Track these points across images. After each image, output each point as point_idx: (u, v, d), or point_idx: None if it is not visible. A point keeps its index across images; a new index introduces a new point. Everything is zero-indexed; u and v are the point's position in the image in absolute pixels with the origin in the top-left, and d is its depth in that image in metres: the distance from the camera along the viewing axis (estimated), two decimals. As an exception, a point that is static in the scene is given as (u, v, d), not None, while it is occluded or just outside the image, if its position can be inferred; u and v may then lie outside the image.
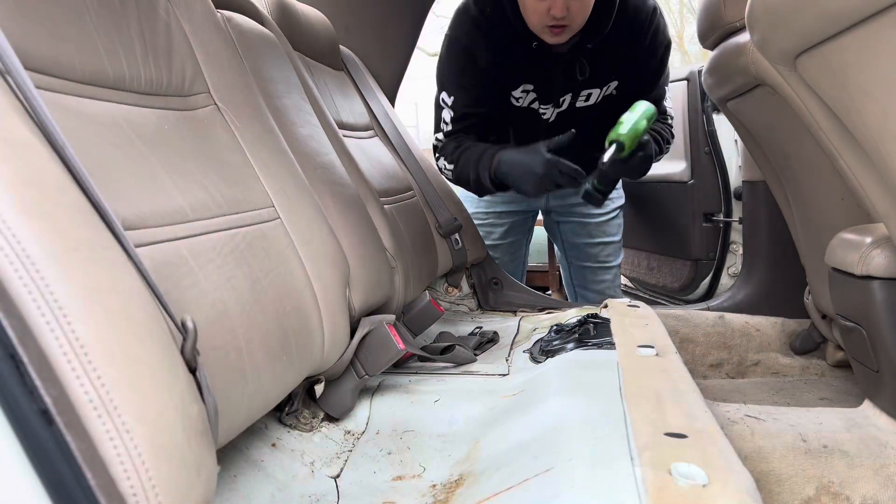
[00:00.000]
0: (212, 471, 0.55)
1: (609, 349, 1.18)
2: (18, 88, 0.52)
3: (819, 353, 1.78)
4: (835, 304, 1.24)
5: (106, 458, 0.45)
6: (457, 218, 1.91)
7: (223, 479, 0.84)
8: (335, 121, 1.50)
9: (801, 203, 1.54)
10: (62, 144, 0.53)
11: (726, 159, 2.28)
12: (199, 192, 0.81)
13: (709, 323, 1.86)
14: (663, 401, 0.80)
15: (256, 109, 1.03)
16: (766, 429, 1.13)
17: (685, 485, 0.58)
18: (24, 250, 0.45)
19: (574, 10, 1.50)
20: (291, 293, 0.91)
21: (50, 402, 0.44)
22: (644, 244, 2.70)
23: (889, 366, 1.08)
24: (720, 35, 1.45)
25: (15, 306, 0.44)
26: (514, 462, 0.83)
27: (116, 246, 0.54)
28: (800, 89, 1.03)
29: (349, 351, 1.08)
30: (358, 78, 1.90)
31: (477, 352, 1.43)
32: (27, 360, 0.44)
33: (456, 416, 1.09)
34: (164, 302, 0.58)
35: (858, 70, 0.81)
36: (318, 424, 1.05)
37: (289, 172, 1.03)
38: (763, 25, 0.93)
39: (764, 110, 1.41)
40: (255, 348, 0.78)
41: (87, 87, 0.73)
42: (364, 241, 1.22)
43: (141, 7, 0.85)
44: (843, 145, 1.01)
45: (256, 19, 1.29)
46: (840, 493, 1.03)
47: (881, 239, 1.08)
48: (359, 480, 0.93)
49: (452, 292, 2.02)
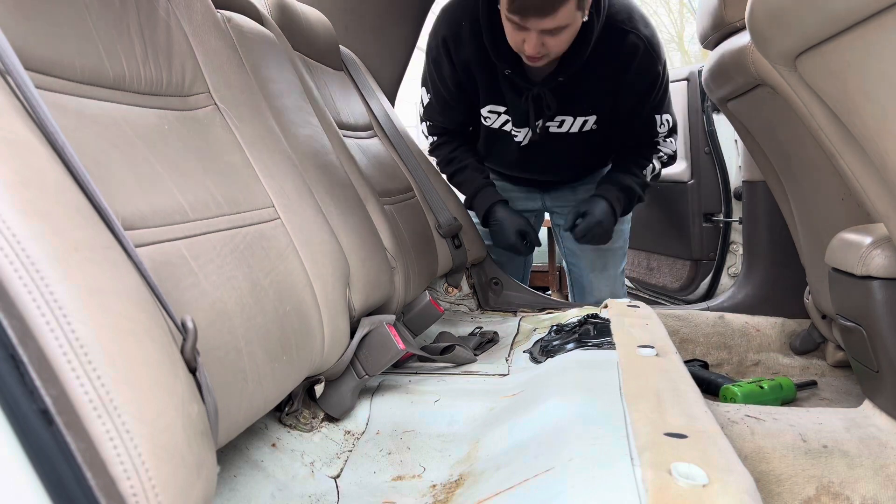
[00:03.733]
0: (212, 471, 0.55)
1: (609, 349, 1.18)
2: (18, 88, 0.52)
3: (819, 353, 1.78)
4: (835, 304, 1.24)
5: (106, 459, 0.45)
6: (457, 218, 1.91)
7: (223, 479, 0.84)
8: (335, 121, 1.50)
9: (801, 203, 1.54)
10: (62, 144, 0.53)
11: (726, 159, 2.28)
12: (199, 191, 0.81)
13: (709, 323, 1.86)
14: (663, 401, 0.80)
15: (256, 109, 1.03)
16: (766, 429, 1.13)
17: (685, 485, 0.58)
18: (24, 250, 0.45)
19: (550, 46, 1.48)
20: (291, 293, 0.91)
21: (50, 402, 0.44)
22: (644, 244, 2.71)
23: (889, 366, 1.08)
24: (720, 35, 1.45)
25: (15, 306, 0.44)
26: (514, 462, 0.83)
27: (116, 246, 0.54)
28: (800, 89, 1.03)
29: (349, 351, 1.08)
30: (358, 78, 1.90)
31: (477, 352, 1.43)
32: (27, 360, 0.44)
33: (456, 416, 1.09)
34: (164, 302, 0.58)
35: (858, 70, 0.81)
36: (318, 424, 1.05)
37: (289, 172, 1.03)
38: (763, 25, 0.93)
39: (764, 110, 1.41)
40: (255, 348, 0.78)
41: (87, 87, 0.73)
42: (364, 241, 1.22)
43: (141, 7, 0.85)
44: (843, 145, 1.01)
45: (256, 19, 1.29)
46: (840, 493, 1.03)
47: (881, 239, 1.08)
48: (359, 480, 0.93)
49: (452, 292, 2.02)
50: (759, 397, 1.47)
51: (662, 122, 1.82)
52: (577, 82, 1.67)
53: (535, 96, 1.69)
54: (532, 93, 1.68)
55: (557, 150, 1.85)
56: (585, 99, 1.73)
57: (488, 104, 1.78)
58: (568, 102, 1.72)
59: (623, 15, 1.64)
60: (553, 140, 1.81)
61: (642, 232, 2.65)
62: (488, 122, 1.82)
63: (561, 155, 1.88)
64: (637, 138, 1.85)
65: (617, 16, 1.63)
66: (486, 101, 1.78)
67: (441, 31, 1.72)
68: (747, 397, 1.45)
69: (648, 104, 1.76)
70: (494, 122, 1.81)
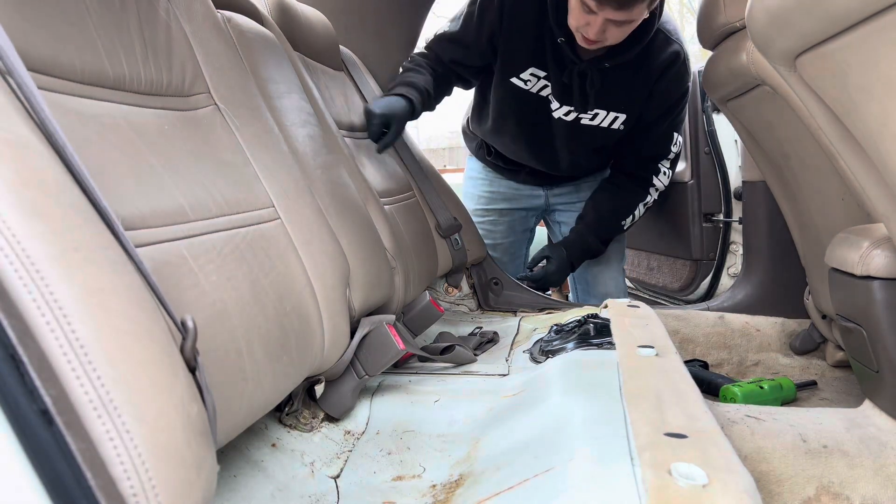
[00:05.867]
0: (212, 471, 0.55)
1: (609, 349, 1.18)
2: (19, 89, 0.52)
3: (819, 353, 1.78)
4: (835, 304, 1.24)
5: (106, 459, 0.45)
6: (457, 218, 1.91)
7: (223, 479, 0.84)
8: (335, 121, 1.50)
9: (801, 203, 1.54)
10: (63, 145, 0.53)
11: (726, 159, 2.28)
12: (199, 192, 0.81)
13: (709, 323, 1.86)
14: (663, 401, 0.79)
15: (256, 109, 1.03)
16: (766, 429, 1.13)
17: (685, 485, 0.58)
18: (24, 250, 0.45)
19: (611, 35, 1.51)
20: (291, 293, 0.91)
21: (50, 402, 0.44)
22: (644, 244, 2.71)
23: (889, 366, 1.08)
24: (720, 35, 1.45)
25: (15, 306, 0.44)
26: (514, 462, 0.83)
27: (117, 246, 0.54)
28: (800, 89, 1.03)
29: (349, 351, 1.08)
30: (358, 78, 1.89)
31: (477, 352, 1.43)
32: (27, 360, 0.44)
33: (456, 416, 1.09)
34: (165, 302, 0.58)
35: (858, 70, 0.81)
36: (318, 424, 1.05)
37: (289, 172, 1.03)
38: (763, 25, 0.93)
39: (764, 110, 1.41)
40: (254, 348, 0.78)
41: (87, 88, 0.73)
42: (364, 241, 1.22)
43: (141, 7, 0.85)
44: (843, 145, 1.01)
45: (256, 19, 1.29)
46: (840, 493, 1.03)
47: (881, 239, 1.08)
48: (359, 480, 0.93)
49: (452, 292, 2.02)
50: (759, 397, 1.47)
51: (676, 141, 1.86)
52: (618, 74, 1.69)
53: (580, 72, 1.69)
54: (579, 68, 1.69)
55: (584, 140, 1.86)
56: (620, 94, 1.74)
57: (531, 66, 1.75)
58: (605, 93, 1.73)
59: (671, 26, 1.72)
60: (583, 130, 1.82)
61: (642, 232, 2.65)
62: (528, 86, 1.78)
63: (585, 146, 1.89)
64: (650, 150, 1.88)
65: (666, 24, 1.70)
66: (528, 63, 1.74)
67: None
68: (747, 397, 1.45)
69: (671, 118, 1.80)
70: (533, 86, 1.78)
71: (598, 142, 1.87)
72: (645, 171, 1.90)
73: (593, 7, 1.43)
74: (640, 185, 1.92)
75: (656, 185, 1.91)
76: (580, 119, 1.80)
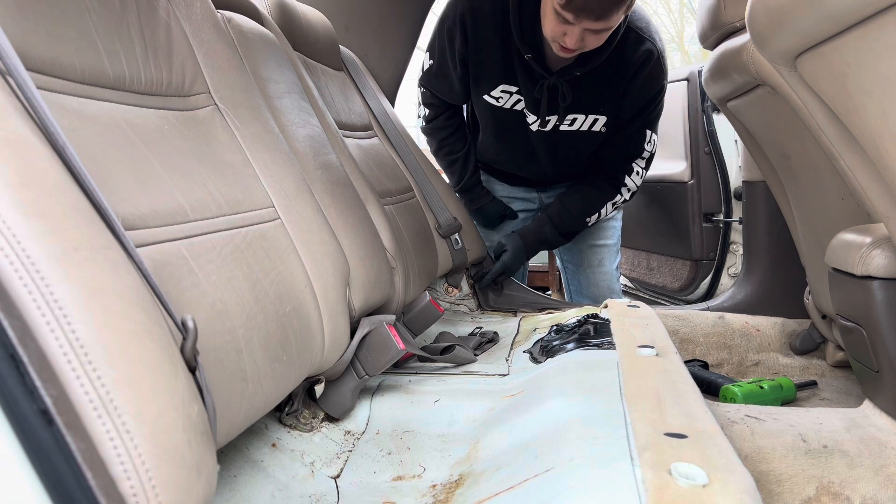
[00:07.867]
0: (212, 471, 0.55)
1: (609, 349, 1.18)
2: (19, 89, 0.52)
3: (819, 353, 1.78)
4: (835, 304, 1.24)
5: (106, 459, 0.45)
6: (457, 218, 1.91)
7: (223, 479, 0.84)
8: (335, 121, 1.50)
9: (801, 203, 1.54)
10: (63, 144, 0.53)
11: (726, 159, 2.28)
12: (199, 192, 0.81)
13: (709, 323, 1.86)
14: (663, 401, 0.79)
15: (256, 109, 1.03)
16: (766, 429, 1.13)
17: (685, 485, 0.58)
18: (24, 250, 0.45)
19: (589, 43, 1.51)
20: (291, 293, 0.91)
21: (50, 402, 0.44)
22: (644, 244, 2.71)
23: (889, 366, 1.08)
24: (720, 35, 1.45)
25: (15, 306, 0.44)
26: (514, 462, 0.83)
27: (117, 246, 0.54)
28: (800, 89, 1.03)
29: (349, 351, 1.08)
30: (358, 78, 1.90)
31: (477, 352, 1.43)
32: (27, 360, 0.44)
33: (456, 416, 1.09)
34: (165, 302, 0.58)
35: (858, 70, 0.81)
36: (318, 424, 1.05)
37: (289, 172, 1.03)
38: (763, 25, 0.93)
39: (764, 110, 1.41)
40: (255, 348, 0.78)
41: (87, 88, 0.73)
42: (364, 241, 1.22)
43: (141, 7, 0.85)
44: (843, 145, 1.01)
45: (256, 19, 1.29)
46: (840, 493, 1.03)
47: (881, 239, 1.08)
48: (359, 480, 0.93)
49: (452, 292, 2.02)
50: (759, 397, 1.47)
51: (650, 139, 1.85)
52: (590, 79, 1.68)
53: (550, 86, 1.70)
54: (548, 82, 1.69)
55: (566, 147, 1.86)
56: (596, 98, 1.74)
57: (501, 84, 1.76)
58: (580, 99, 1.73)
59: (642, 23, 1.69)
60: (563, 137, 1.82)
61: (642, 232, 2.65)
62: (500, 103, 1.80)
63: (569, 152, 1.89)
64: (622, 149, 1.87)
65: (637, 22, 1.68)
66: (498, 81, 1.76)
67: (461, 4, 1.71)
68: (747, 397, 1.45)
69: (644, 116, 1.79)
70: (506, 102, 1.79)
71: (580, 147, 1.86)
72: (617, 171, 1.89)
73: (570, 19, 1.43)
74: (611, 184, 1.90)
75: (628, 184, 1.89)
76: (558, 127, 1.80)
